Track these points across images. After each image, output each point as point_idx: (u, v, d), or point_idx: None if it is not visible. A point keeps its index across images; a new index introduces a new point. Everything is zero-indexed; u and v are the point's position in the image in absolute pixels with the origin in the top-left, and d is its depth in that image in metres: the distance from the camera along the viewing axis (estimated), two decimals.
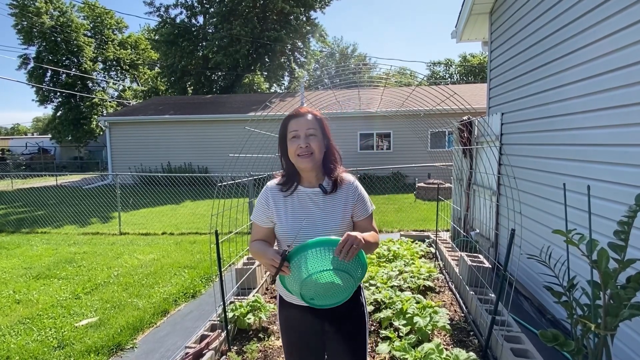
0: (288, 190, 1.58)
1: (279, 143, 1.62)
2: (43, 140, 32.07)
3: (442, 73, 40.63)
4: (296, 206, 1.56)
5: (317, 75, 24.99)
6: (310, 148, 1.51)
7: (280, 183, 1.61)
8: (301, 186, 1.59)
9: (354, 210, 1.59)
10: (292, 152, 1.53)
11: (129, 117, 16.26)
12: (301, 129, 1.52)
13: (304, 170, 1.56)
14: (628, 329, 2.35)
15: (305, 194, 1.57)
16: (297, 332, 1.62)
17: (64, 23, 24.81)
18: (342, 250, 1.28)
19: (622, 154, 2.47)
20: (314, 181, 1.59)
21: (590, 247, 1.66)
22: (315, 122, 1.56)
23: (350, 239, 1.28)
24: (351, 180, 1.63)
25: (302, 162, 1.52)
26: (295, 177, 1.59)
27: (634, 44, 2.33)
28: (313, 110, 1.60)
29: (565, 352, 1.79)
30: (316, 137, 1.53)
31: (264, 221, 1.59)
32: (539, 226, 3.62)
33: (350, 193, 1.59)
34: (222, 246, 3.09)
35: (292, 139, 1.53)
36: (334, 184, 1.58)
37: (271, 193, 1.60)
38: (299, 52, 25.86)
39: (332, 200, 1.56)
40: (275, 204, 1.57)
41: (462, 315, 3.51)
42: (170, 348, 3.14)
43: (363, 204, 1.61)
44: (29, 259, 5.78)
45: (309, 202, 1.56)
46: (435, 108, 4.53)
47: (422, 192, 11.11)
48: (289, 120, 1.57)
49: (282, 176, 1.64)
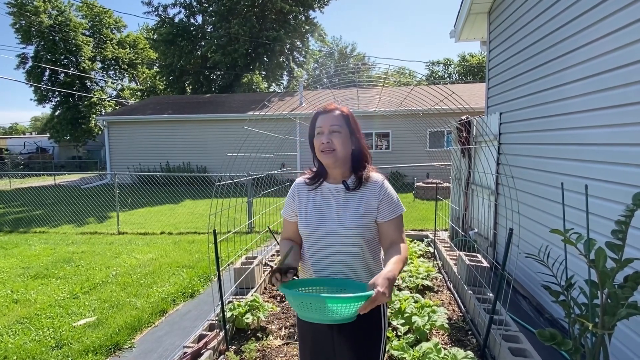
0: (313, 185, 1.59)
1: (309, 139, 1.62)
2: (41, 140, 31.98)
3: (441, 73, 40.65)
4: (318, 201, 1.56)
5: (316, 74, 24.97)
6: (332, 144, 1.49)
7: (308, 178, 1.63)
8: (326, 182, 1.59)
9: (378, 210, 1.51)
10: (316, 147, 1.54)
11: (127, 116, 16.24)
12: (325, 125, 1.52)
13: (328, 166, 1.56)
14: (626, 328, 2.35)
15: (328, 189, 1.57)
16: (310, 332, 1.60)
17: (62, 22, 24.73)
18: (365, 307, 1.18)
19: (620, 153, 2.47)
20: (339, 178, 1.57)
21: (587, 247, 1.66)
22: (342, 118, 1.54)
23: (380, 299, 1.18)
24: (379, 179, 1.57)
25: (324, 158, 1.52)
26: (323, 173, 1.60)
27: (633, 43, 2.33)
28: (342, 107, 1.59)
29: (563, 351, 1.80)
30: (340, 133, 1.51)
31: (291, 215, 1.62)
32: (537, 226, 3.63)
33: (375, 191, 1.52)
34: (221, 246, 3.09)
35: (317, 135, 1.54)
36: (358, 181, 1.54)
37: (297, 187, 1.63)
38: (297, 51, 25.85)
39: (354, 197, 1.52)
40: (299, 197, 1.60)
41: (460, 314, 3.52)
42: (169, 348, 3.14)
43: (389, 204, 1.51)
44: (27, 258, 5.76)
45: (330, 198, 1.55)
46: (433, 108, 4.53)
47: (420, 191, 11.12)
48: (317, 117, 1.58)
49: (311, 172, 1.65)
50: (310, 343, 1.61)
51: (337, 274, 1.48)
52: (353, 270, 1.48)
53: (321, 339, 1.58)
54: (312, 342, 1.60)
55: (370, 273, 1.50)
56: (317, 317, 1.21)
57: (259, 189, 5.92)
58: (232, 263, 4.34)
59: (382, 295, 1.17)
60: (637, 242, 2.25)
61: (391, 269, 1.29)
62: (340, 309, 1.16)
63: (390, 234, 1.50)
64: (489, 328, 2.70)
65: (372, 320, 1.49)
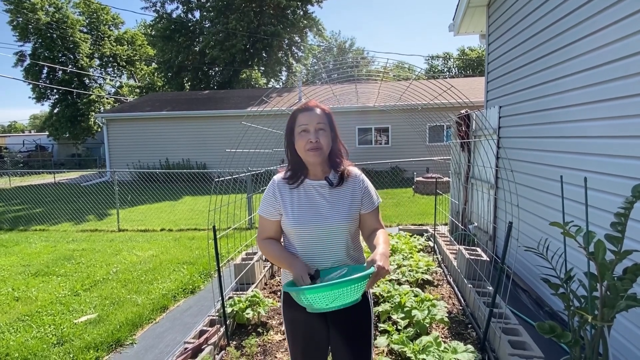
0: (295, 183, 1.59)
1: (285, 136, 1.62)
2: (40, 138, 31.92)
3: (441, 67, 40.50)
4: (302, 198, 1.57)
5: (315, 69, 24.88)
6: (320, 143, 1.52)
7: (286, 177, 1.62)
8: (307, 179, 1.60)
9: (362, 203, 1.61)
10: (301, 146, 1.54)
11: (126, 113, 16.19)
12: (311, 123, 1.53)
13: (313, 164, 1.57)
14: (625, 320, 2.35)
15: (311, 186, 1.59)
16: (303, 324, 1.61)
17: (59, 19, 24.57)
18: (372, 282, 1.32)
19: (619, 145, 2.47)
20: (320, 174, 1.60)
21: (587, 239, 1.66)
22: (325, 116, 1.57)
23: (382, 273, 1.31)
24: (358, 173, 1.66)
25: (311, 157, 1.53)
26: (302, 170, 1.61)
27: (632, 35, 2.31)
28: (321, 105, 1.61)
29: (562, 343, 1.80)
30: (325, 131, 1.55)
31: (273, 214, 1.60)
32: (537, 219, 3.63)
33: (357, 186, 1.61)
34: (221, 242, 3.09)
35: (301, 133, 1.54)
36: (340, 177, 1.60)
37: (278, 186, 1.61)
38: (296, 46, 25.74)
39: (339, 193, 1.58)
40: (282, 196, 1.59)
41: (460, 308, 3.53)
42: (170, 343, 3.15)
43: (369, 196, 1.63)
44: (27, 256, 5.77)
45: (316, 194, 1.57)
46: (433, 102, 4.52)
47: (420, 186, 11.12)
48: (297, 114, 1.58)
49: (287, 170, 1.64)
50: (302, 339, 1.63)
51: (324, 265, 1.54)
52: (339, 260, 1.56)
53: (314, 333, 1.61)
54: (304, 337, 1.62)
55: (353, 260, 1.61)
56: (331, 305, 1.28)
57: (259, 185, 5.92)
58: (233, 259, 4.35)
59: (382, 269, 1.30)
60: (636, 235, 2.25)
61: (383, 247, 1.42)
62: (352, 290, 1.26)
63: (372, 223, 1.63)
64: (488, 321, 2.71)
65: (361, 303, 1.55)
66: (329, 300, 1.27)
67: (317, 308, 1.32)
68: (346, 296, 1.26)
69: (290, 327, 1.66)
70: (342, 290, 1.24)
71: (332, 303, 1.27)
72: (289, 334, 1.67)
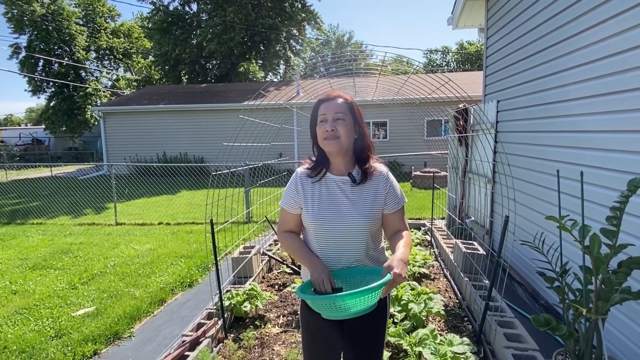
0: (316, 177, 1.55)
1: (310, 127, 1.58)
2: (37, 131, 31.69)
3: (439, 61, 40.38)
4: (324, 193, 1.52)
5: (313, 63, 24.76)
6: (337, 132, 1.47)
7: (309, 168, 1.58)
8: (330, 173, 1.55)
9: (385, 202, 1.53)
10: (319, 135, 1.51)
11: (123, 107, 16.10)
12: (329, 112, 1.49)
13: (331, 155, 1.52)
14: (619, 313, 2.38)
15: (333, 181, 1.54)
16: (318, 327, 1.59)
17: (55, 11, 24.28)
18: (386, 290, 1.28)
19: (615, 140, 2.47)
20: (343, 169, 1.54)
21: (582, 233, 1.67)
22: (346, 106, 1.52)
23: (398, 280, 1.27)
24: (384, 171, 1.58)
25: (327, 145, 1.48)
26: (325, 163, 1.56)
27: (631, 29, 2.31)
28: (344, 95, 1.56)
29: (557, 336, 1.82)
30: (344, 121, 1.49)
31: (294, 207, 1.56)
32: (534, 213, 3.65)
33: (381, 184, 1.53)
34: (218, 235, 3.09)
35: (320, 123, 1.51)
36: (363, 174, 1.53)
37: (300, 178, 1.57)
38: (294, 40, 25.57)
39: (361, 190, 1.52)
40: (304, 189, 1.54)
41: (456, 301, 3.55)
42: (168, 336, 3.16)
43: (394, 196, 1.55)
44: (24, 249, 5.77)
45: (337, 191, 1.52)
46: (431, 96, 4.51)
47: (418, 180, 11.14)
48: (319, 105, 1.54)
49: (311, 162, 1.61)
50: (318, 333, 1.60)
51: (342, 264, 1.49)
52: (358, 260, 1.50)
53: (328, 330, 1.58)
54: (319, 333, 1.59)
55: (373, 260, 1.54)
56: (344, 314, 1.25)
57: (256, 178, 5.92)
58: (230, 253, 4.36)
59: (399, 276, 1.26)
60: (631, 229, 2.26)
61: (402, 252, 1.37)
62: (367, 299, 1.22)
63: (395, 224, 1.56)
64: (484, 314, 2.73)
65: (377, 308, 1.49)
66: (342, 310, 1.24)
67: (331, 316, 1.29)
68: (360, 304, 1.23)
69: (306, 327, 1.63)
70: (356, 301, 1.21)
71: (345, 312, 1.24)
72: (304, 333, 1.66)
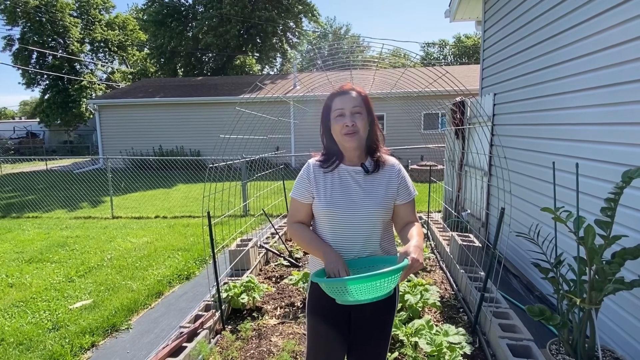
0: (329, 167, 1.55)
1: (321, 120, 1.58)
2: (31, 124, 31.40)
3: (436, 54, 40.28)
4: (336, 182, 1.53)
5: (310, 56, 24.63)
6: (356, 127, 1.47)
7: (321, 160, 1.58)
8: (343, 164, 1.56)
9: (397, 193, 1.55)
10: (337, 130, 1.50)
11: (118, 99, 15.98)
12: (347, 107, 1.49)
13: (349, 149, 1.53)
14: (612, 304, 2.41)
15: (346, 171, 1.55)
16: (324, 309, 1.57)
17: (48, 2, 23.90)
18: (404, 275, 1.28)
19: (610, 132, 2.49)
20: (356, 160, 1.56)
21: (577, 224, 1.68)
22: (360, 99, 1.52)
23: (416, 265, 1.27)
24: (395, 162, 1.60)
25: (348, 141, 1.48)
26: (337, 155, 1.56)
27: (627, 21, 2.31)
28: (357, 87, 1.56)
29: (550, 326, 1.84)
30: (361, 115, 1.50)
31: (305, 197, 1.56)
32: (529, 205, 3.67)
33: (394, 175, 1.55)
34: (215, 229, 3.10)
35: (337, 117, 1.50)
36: (376, 164, 1.55)
37: (313, 168, 1.57)
38: (291, 32, 25.39)
39: (374, 180, 1.53)
40: (316, 178, 1.55)
41: (452, 293, 3.59)
42: (165, 328, 3.18)
43: (406, 187, 1.57)
44: (20, 243, 5.75)
45: (350, 180, 1.53)
46: (428, 89, 4.50)
47: (415, 174, 11.16)
48: (333, 98, 1.53)
49: (322, 154, 1.60)
50: (324, 322, 1.59)
51: (354, 254, 1.49)
52: (369, 250, 1.51)
53: (338, 318, 1.57)
54: (326, 322, 1.58)
55: (384, 251, 1.54)
56: (362, 297, 1.23)
57: (253, 172, 5.91)
58: (227, 245, 4.36)
59: (416, 261, 1.26)
60: (625, 220, 2.28)
61: (417, 239, 1.38)
62: (386, 283, 1.21)
63: (406, 216, 1.57)
64: (479, 305, 2.76)
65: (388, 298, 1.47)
66: (360, 293, 1.22)
67: (347, 300, 1.27)
68: (379, 289, 1.21)
69: (312, 320, 1.62)
70: (375, 283, 1.19)
71: (363, 296, 1.23)
72: (309, 327, 1.64)
